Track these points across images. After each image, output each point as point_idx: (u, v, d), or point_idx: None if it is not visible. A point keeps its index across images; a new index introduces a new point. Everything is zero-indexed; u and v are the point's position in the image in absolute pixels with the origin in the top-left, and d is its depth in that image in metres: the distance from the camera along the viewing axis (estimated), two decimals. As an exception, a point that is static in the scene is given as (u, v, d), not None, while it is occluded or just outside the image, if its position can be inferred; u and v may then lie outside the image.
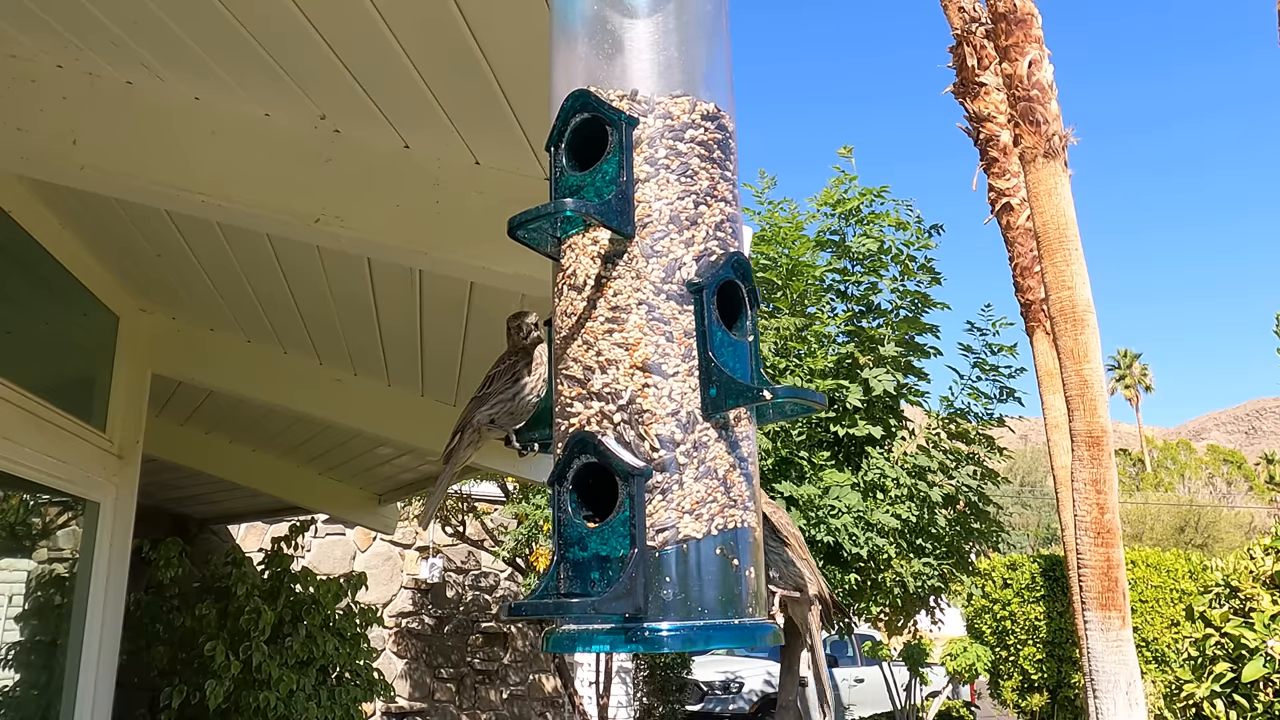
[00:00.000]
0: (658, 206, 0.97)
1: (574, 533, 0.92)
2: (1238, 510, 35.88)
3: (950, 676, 12.06)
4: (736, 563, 0.92)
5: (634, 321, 0.94)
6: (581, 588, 0.90)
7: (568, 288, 0.99)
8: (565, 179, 1.00)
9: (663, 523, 0.90)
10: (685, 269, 0.96)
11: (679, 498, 0.91)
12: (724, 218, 1.00)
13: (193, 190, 2.38)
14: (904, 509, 8.71)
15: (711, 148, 1.01)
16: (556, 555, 0.93)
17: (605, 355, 0.94)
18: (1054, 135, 7.15)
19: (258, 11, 2.01)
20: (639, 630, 0.87)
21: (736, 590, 0.92)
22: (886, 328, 9.75)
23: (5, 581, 3.71)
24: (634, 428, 0.92)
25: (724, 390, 0.93)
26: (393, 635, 11.18)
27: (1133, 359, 61.88)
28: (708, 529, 0.91)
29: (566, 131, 1.01)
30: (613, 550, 0.89)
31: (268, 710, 5.49)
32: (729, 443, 0.95)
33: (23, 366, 3.23)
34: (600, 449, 0.92)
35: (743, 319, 1.00)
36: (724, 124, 1.03)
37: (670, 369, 0.93)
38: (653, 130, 0.99)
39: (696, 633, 0.88)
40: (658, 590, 0.88)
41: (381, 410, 4.50)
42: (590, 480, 0.93)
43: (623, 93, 0.99)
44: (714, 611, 0.90)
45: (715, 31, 1.06)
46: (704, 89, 1.02)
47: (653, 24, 1.02)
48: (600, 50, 1.02)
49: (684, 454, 0.92)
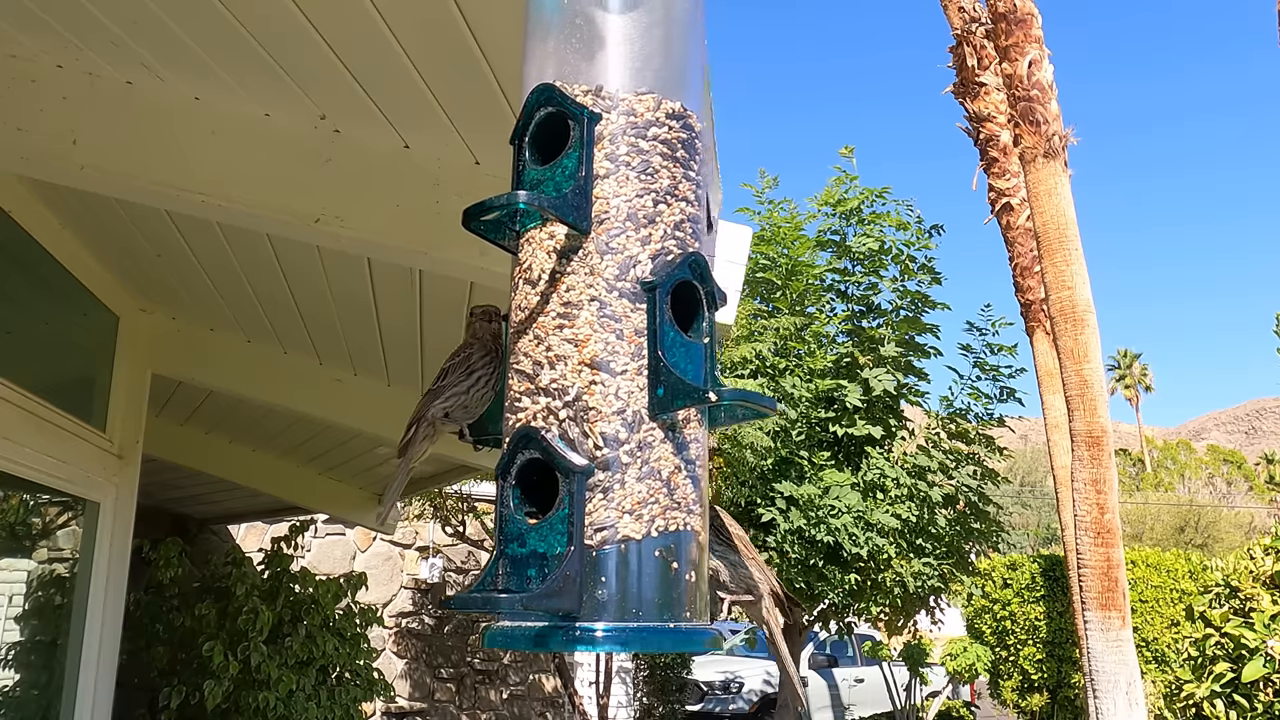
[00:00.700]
0: (616, 203, 0.96)
1: (514, 529, 0.91)
2: (1238, 510, 35.88)
3: (950, 676, 12.06)
4: (676, 565, 0.91)
5: (585, 318, 0.94)
6: (518, 584, 0.89)
7: (523, 282, 0.99)
8: (527, 173, 1.00)
9: (602, 522, 0.89)
10: (640, 267, 0.95)
11: (620, 497, 0.90)
12: (684, 217, 0.99)
13: (193, 190, 2.38)
14: (904, 509, 8.71)
15: (675, 146, 1.00)
16: (496, 550, 0.92)
17: (555, 351, 0.94)
18: (1054, 135, 7.15)
19: (258, 11, 2.01)
20: (572, 629, 0.86)
21: (675, 593, 0.91)
22: (886, 328, 9.76)
23: (5, 581, 3.71)
24: (578, 425, 0.91)
25: (672, 391, 0.92)
26: (393, 635, 11.19)
27: (1133, 359, 61.88)
28: (648, 530, 0.90)
29: (530, 125, 1.00)
30: (550, 548, 0.88)
31: (267, 710, 5.49)
32: (676, 444, 0.94)
33: (23, 366, 3.23)
34: (544, 445, 0.91)
35: (699, 320, 0.99)
36: (690, 124, 1.02)
37: (619, 367, 0.92)
38: (615, 127, 0.98)
39: (631, 634, 0.87)
40: (593, 590, 0.87)
41: (381, 410, 4.49)
42: (534, 476, 0.93)
43: (588, 88, 0.99)
44: (650, 614, 0.88)
45: (689, 31, 1.06)
46: (672, 88, 1.02)
47: (625, 21, 1.01)
48: (570, 44, 1.01)
49: (628, 453, 0.91)
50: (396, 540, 11.33)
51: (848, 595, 8.98)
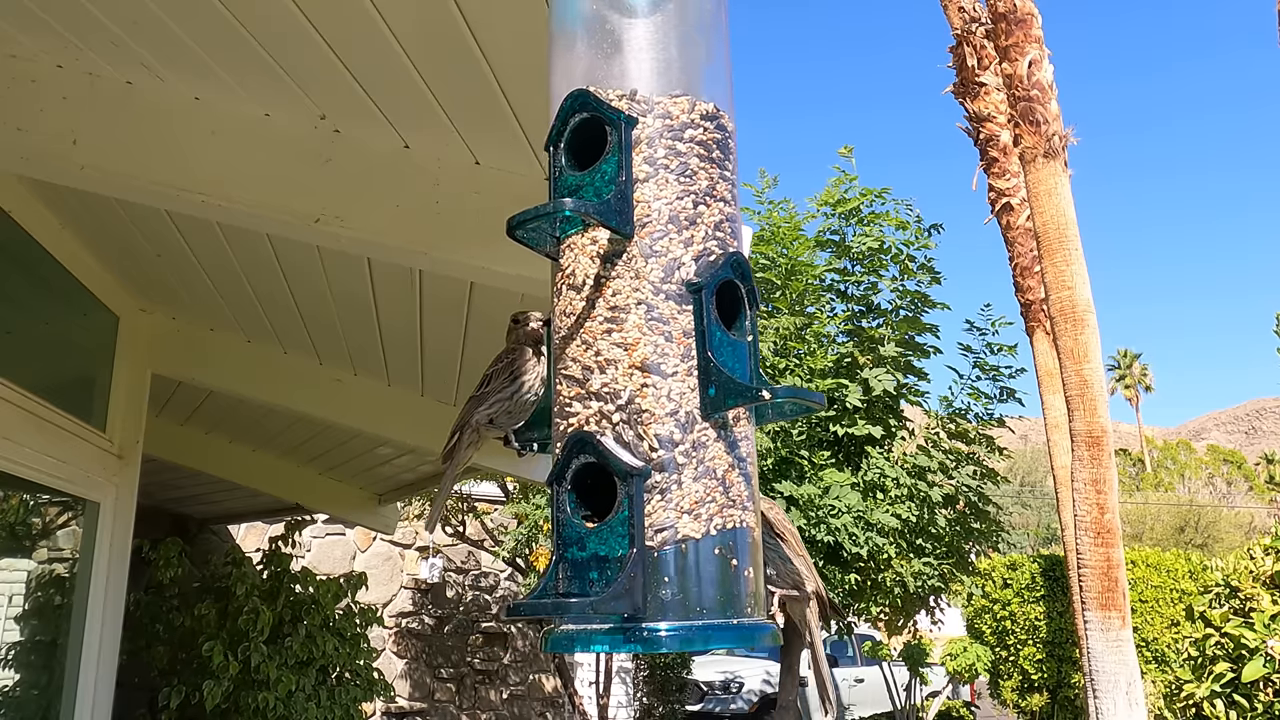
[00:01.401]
0: (657, 206, 0.97)
1: (573, 533, 0.92)
2: (1238, 510, 35.88)
3: (950, 676, 12.06)
4: (735, 563, 0.92)
5: (633, 321, 0.94)
6: (580, 588, 0.90)
7: (566, 287, 0.99)
8: (564, 179, 1.00)
9: (661, 523, 0.89)
10: (684, 269, 0.96)
11: (678, 498, 0.90)
12: (723, 217, 1.00)
13: (193, 190, 2.38)
14: (904, 509, 8.71)
15: (711, 147, 1.00)
16: (555, 555, 0.93)
17: (604, 355, 0.94)
18: (1054, 135, 7.15)
19: (258, 11, 2.01)
20: (637, 630, 0.87)
21: (735, 590, 0.91)
22: (886, 327, 9.75)
23: (5, 581, 3.71)
24: (633, 428, 0.92)
25: (723, 390, 0.92)
26: (393, 635, 11.18)
27: (1133, 359, 61.89)
28: (706, 529, 0.91)
29: (565, 131, 1.00)
30: (611, 550, 0.89)
31: (267, 710, 5.49)
32: (728, 443, 0.94)
33: (23, 366, 3.23)
34: (599, 449, 0.91)
35: (742, 319, 1.00)
36: (723, 124, 1.03)
37: (669, 369, 0.93)
38: (652, 130, 0.98)
39: (695, 633, 0.88)
40: (656, 590, 0.88)
41: (381, 410, 4.49)
42: (589, 480, 0.93)
43: (622, 92, 0.99)
44: (713, 611, 0.89)
45: (715, 31, 1.06)
46: (703, 89, 1.02)
47: (652, 24, 1.01)
48: (599, 50, 1.01)
49: (683, 454, 0.92)
50: (396, 540, 11.33)
51: (848, 595, 8.98)
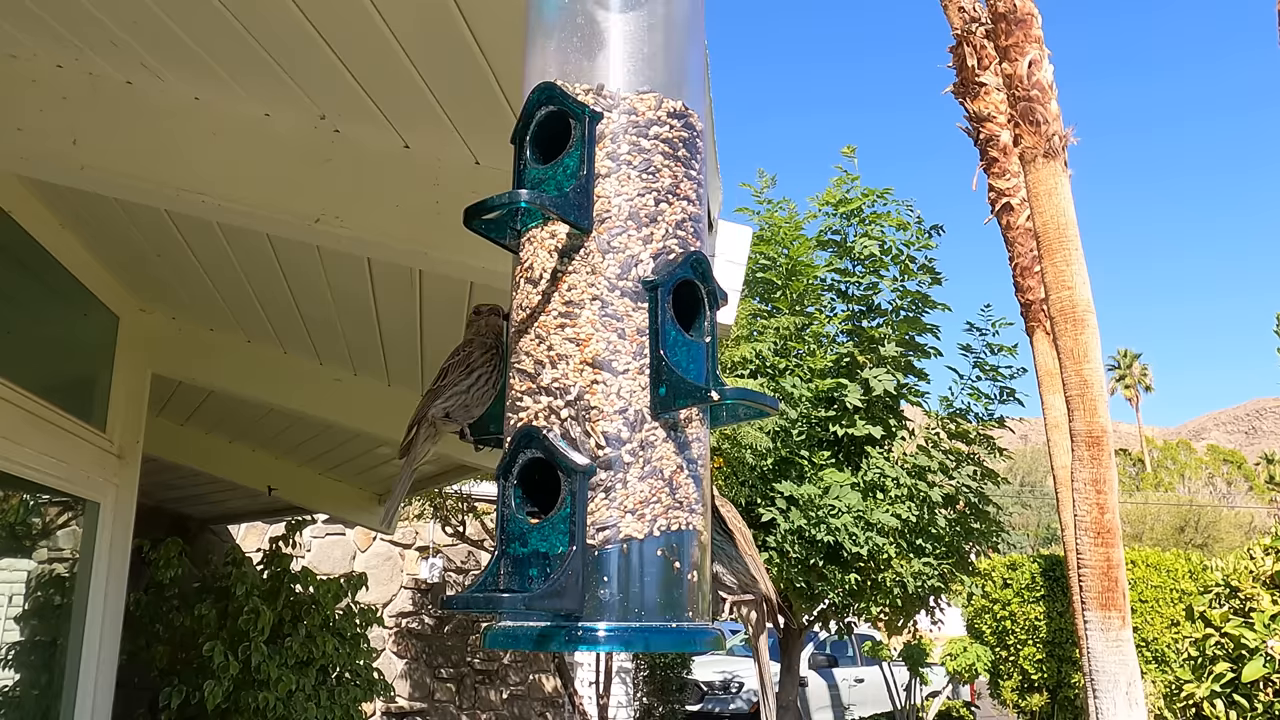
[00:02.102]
0: (617, 202, 0.96)
1: (516, 528, 0.91)
2: (1238, 510, 35.88)
3: (950, 676, 12.06)
4: (678, 565, 0.91)
5: (586, 317, 0.93)
6: (520, 584, 0.89)
7: (524, 281, 0.98)
8: (528, 172, 1.00)
9: (603, 521, 0.89)
10: (642, 266, 0.95)
11: (622, 497, 0.89)
12: (685, 216, 0.99)
13: (193, 190, 2.38)
14: (904, 509, 8.71)
15: (676, 146, 1.00)
16: (497, 550, 0.92)
17: (556, 350, 0.94)
18: (1054, 135, 7.15)
19: (258, 11, 2.01)
20: (575, 629, 0.86)
21: (677, 593, 0.90)
22: (887, 328, 9.75)
23: (5, 581, 3.71)
24: (580, 424, 0.91)
25: (674, 390, 0.92)
26: (393, 635, 11.18)
27: (1133, 359, 61.88)
28: (650, 529, 0.90)
29: (531, 124, 1.00)
30: (552, 547, 0.88)
31: (267, 710, 5.49)
32: (678, 443, 0.94)
33: (23, 366, 3.23)
34: (546, 444, 0.91)
35: (700, 320, 0.99)
36: (691, 123, 1.02)
37: (620, 366, 0.92)
38: (616, 125, 0.98)
39: (634, 634, 0.87)
40: (595, 590, 0.87)
41: (381, 410, 4.49)
42: (536, 476, 0.92)
43: (589, 87, 0.99)
44: (653, 614, 0.88)
45: (690, 31, 1.06)
46: (673, 87, 1.01)
47: (626, 20, 1.01)
48: (571, 44, 1.01)
49: (630, 453, 0.91)
50: (396, 540, 11.33)
51: (848, 595, 8.98)
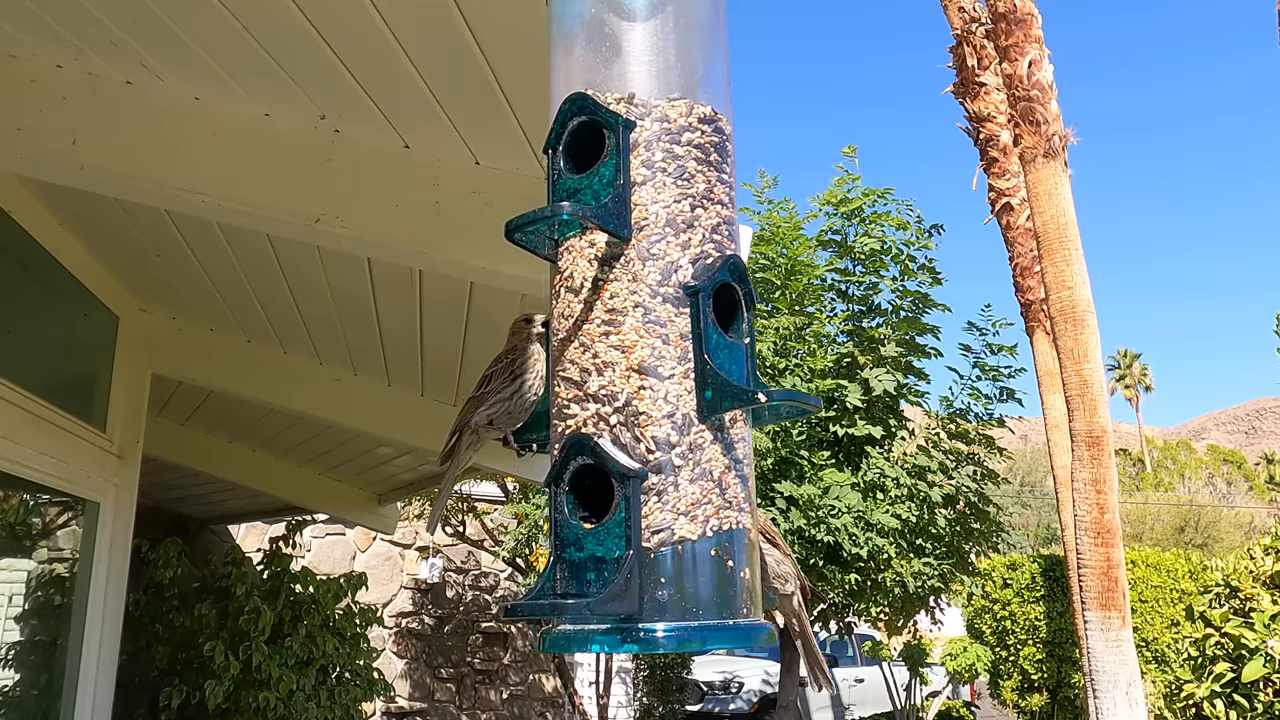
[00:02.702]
0: (654, 209, 0.97)
1: (570, 534, 0.92)
2: (1238, 510, 35.88)
3: (950, 676, 12.06)
4: (731, 564, 0.92)
5: (630, 324, 0.94)
6: (577, 588, 0.90)
7: (565, 290, 0.99)
8: (563, 181, 1.00)
9: (658, 524, 0.90)
10: (681, 272, 0.96)
11: (674, 499, 0.91)
12: (720, 220, 1.00)
13: (193, 190, 2.38)
14: (904, 509, 8.70)
15: (708, 151, 1.01)
16: (553, 556, 0.93)
17: (602, 357, 0.94)
18: (1054, 135, 7.15)
19: (258, 11, 2.01)
20: (634, 631, 0.87)
21: (731, 591, 0.92)
22: (887, 328, 9.75)
23: (5, 581, 3.71)
24: (630, 430, 0.92)
25: (719, 392, 0.93)
26: (393, 635, 11.18)
27: (1133, 359, 61.88)
28: (703, 530, 0.91)
29: (564, 134, 1.01)
30: (608, 551, 0.89)
31: (267, 710, 5.49)
32: (724, 445, 0.95)
33: (23, 366, 3.23)
34: (596, 451, 0.92)
35: (739, 321, 1.00)
36: (721, 127, 1.03)
37: (666, 371, 0.93)
38: (650, 133, 0.98)
39: (692, 633, 0.88)
40: (653, 591, 0.88)
41: (381, 410, 4.49)
42: (587, 482, 0.93)
43: (620, 96, 0.99)
44: (709, 612, 0.90)
45: (713, 34, 1.06)
46: (701, 92, 1.02)
47: (650, 27, 1.01)
48: (598, 53, 1.02)
49: (679, 456, 0.92)
50: (396, 540, 11.33)
51: (848, 595, 8.98)
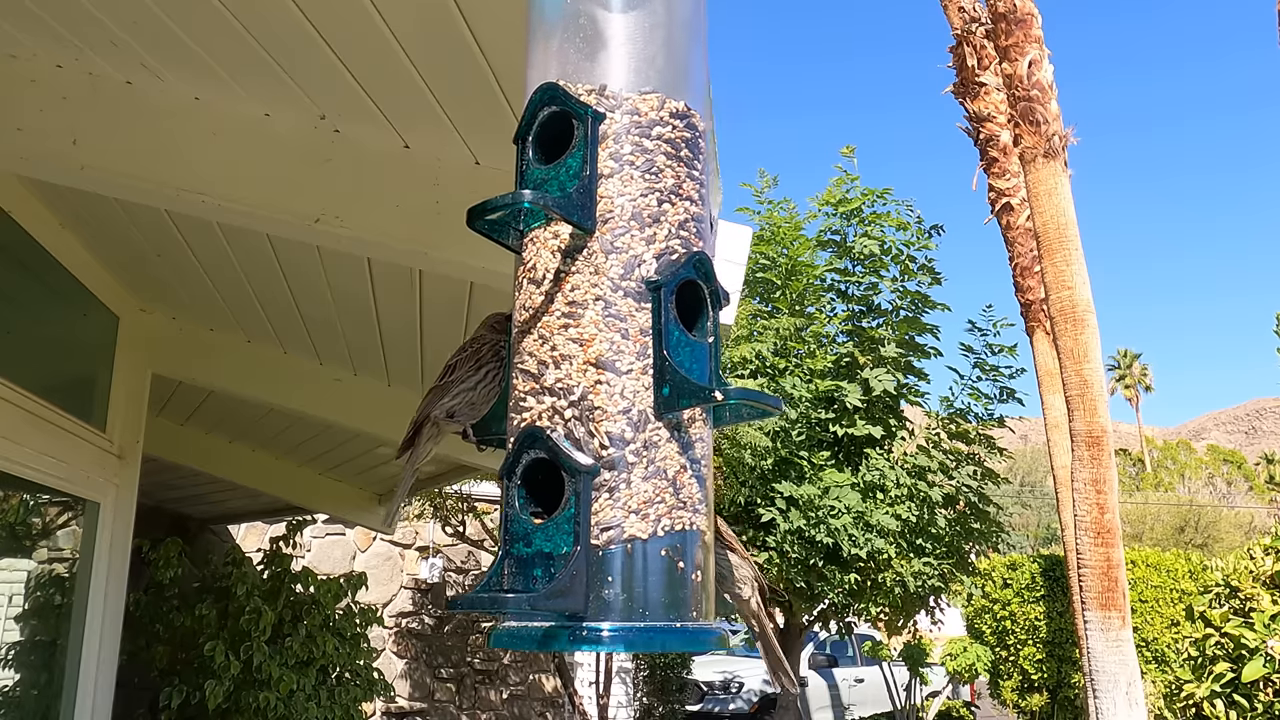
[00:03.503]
0: (620, 203, 0.96)
1: (519, 528, 0.91)
2: (1238, 510, 35.88)
3: (950, 676, 12.07)
4: (682, 565, 0.91)
5: (590, 317, 0.93)
6: (524, 584, 0.89)
7: (527, 281, 0.98)
8: (530, 172, 1.00)
9: (608, 521, 0.89)
10: (645, 266, 0.95)
11: (626, 497, 0.90)
12: (688, 217, 0.99)
13: (193, 190, 2.38)
14: (904, 509, 8.71)
15: (679, 146, 1.00)
16: (502, 550, 0.92)
17: (560, 350, 0.94)
18: (1054, 135, 7.15)
19: (258, 11, 2.01)
20: (579, 629, 0.86)
21: (681, 593, 0.91)
22: (887, 328, 9.75)
23: (5, 581, 3.71)
24: (584, 424, 0.91)
25: (677, 390, 0.92)
26: (393, 635, 11.18)
27: (1133, 359, 61.89)
28: (654, 529, 0.90)
29: (534, 125, 1.00)
30: (556, 547, 0.88)
31: (268, 710, 5.49)
32: (681, 443, 0.94)
33: (23, 366, 3.23)
34: (549, 444, 0.91)
35: (703, 320, 0.99)
36: (694, 123, 1.02)
37: (624, 366, 0.92)
38: (619, 126, 0.98)
39: (637, 634, 0.87)
40: (599, 589, 0.87)
41: (381, 410, 4.50)
42: (540, 476, 0.92)
43: (592, 87, 0.99)
44: (657, 613, 0.88)
45: (692, 31, 1.06)
46: (676, 87, 1.01)
47: (628, 20, 1.01)
48: (573, 44, 1.01)
49: (633, 453, 0.91)
50: (396, 540, 11.33)
51: (848, 595, 8.98)
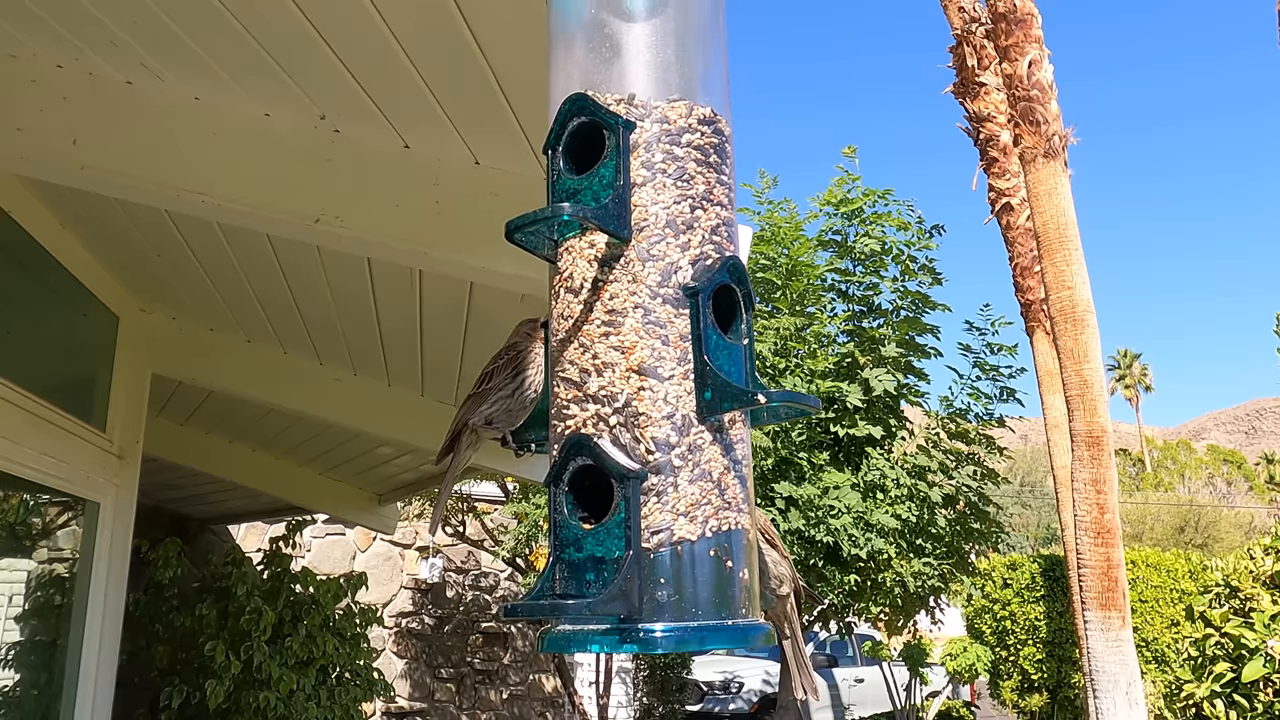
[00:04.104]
0: (654, 210, 0.97)
1: (570, 534, 0.93)
2: (1238, 510, 35.89)
3: (950, 676, 12.07)
4: (730, 564, 0.93)
5: (630, 325, 0.95)
6: (577, 589, 0.91)
7: (564, 291, 0.99)
8: (563, 182, 1.00)
9: (657, 525, 0.90)
10: (681, 273, 0.96)
11: (673, 500, 0.91)
12: (720, 222, 1.01)
13: (193, 190, 2.38)
14: (904, 509, 8.71)
15: (708, 152, 1.01)
16: (552, 556, 0.94)
17: (601, 358, 0.95)
18: (1054, 135, 7.15)
19: (258, 11, 2.01)
20: (634, 631, 0.88)
21: (730, 591, 0.92)
22: (887, 328, 9.75)
23: (5, 581, 3.71)
24: (629, 430, 0.92)
25: (719, 393, 0.93)
26: (393, 635, 11.18)
27: (1133, 359, 61.89)
28: (702, 531, 0.91)
29: (564, 135, 1.01)
30: (608, 552, 0.90)
31: (268, 710, 5.49)
32: (723, 445, 0.95)
33: (23, 366, 3.23)
34: (596, 451, 0.92)
35: (738, 322, 1.01)
36: (720, 128, 1.03)
37: (666, 372, 0.94)
38: (650, 134, 0.99)
39: (690, 634, 0.89)
40: (652, 592, 0.88)
41: (381, 410, 4.50)
42: (586, 482, 0.94)
43: (620, 96, 0.99)
44: (708, 613, 0.90)
45: (712, 35, 1.06)
46: (701, 93, 1.02)
47: (650, 28, 1.01)
48: (598, 54, 1.02)
49: (679, 456, 0.92)
50: (396, 540, 11.33)
51: (848, 595, 8.98)
